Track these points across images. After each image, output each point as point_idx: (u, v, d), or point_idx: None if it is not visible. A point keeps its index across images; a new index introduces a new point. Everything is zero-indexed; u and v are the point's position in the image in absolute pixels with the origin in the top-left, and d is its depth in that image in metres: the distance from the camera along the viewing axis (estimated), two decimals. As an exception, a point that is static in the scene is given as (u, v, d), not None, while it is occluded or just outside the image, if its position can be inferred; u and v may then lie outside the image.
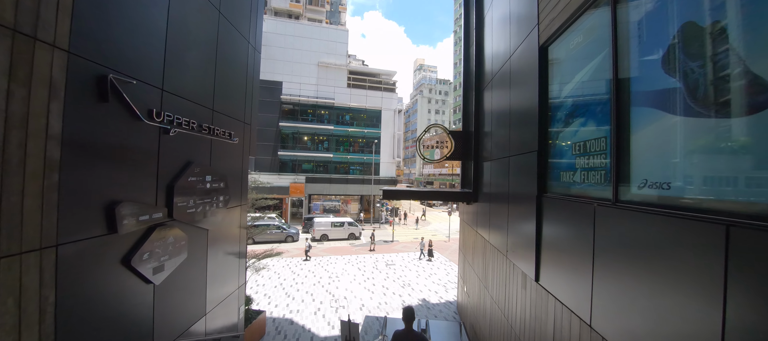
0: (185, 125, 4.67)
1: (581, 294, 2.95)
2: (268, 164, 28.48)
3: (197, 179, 5.05)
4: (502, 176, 5.70)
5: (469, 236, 8.89)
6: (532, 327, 4.11)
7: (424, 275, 14.46)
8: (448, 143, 9.49)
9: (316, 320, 9.48)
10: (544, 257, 3.85)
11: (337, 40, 30.75)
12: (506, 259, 5.35)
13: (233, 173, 6.44)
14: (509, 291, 5.12)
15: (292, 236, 21.13)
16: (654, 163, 2.29)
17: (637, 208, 2.35)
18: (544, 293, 3.79)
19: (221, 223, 5.92)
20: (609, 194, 2.71)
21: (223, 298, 6.14)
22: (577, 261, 3.06)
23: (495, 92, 6.38)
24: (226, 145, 6.01)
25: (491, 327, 6.13)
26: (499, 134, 6.01)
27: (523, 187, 4.60)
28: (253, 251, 9.30)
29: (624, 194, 2.55)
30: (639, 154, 2.43)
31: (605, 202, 2.73)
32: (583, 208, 3.00)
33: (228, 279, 6.37)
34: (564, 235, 3.37)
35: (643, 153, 2.39)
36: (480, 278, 7.29)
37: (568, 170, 3.45)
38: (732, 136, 1.76)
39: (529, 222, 4.22)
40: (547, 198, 3.85)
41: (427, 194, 8.45)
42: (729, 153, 1.78)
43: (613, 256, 2.56)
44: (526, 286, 4.38)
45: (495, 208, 6.12)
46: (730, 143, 1.77)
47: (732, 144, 1.76)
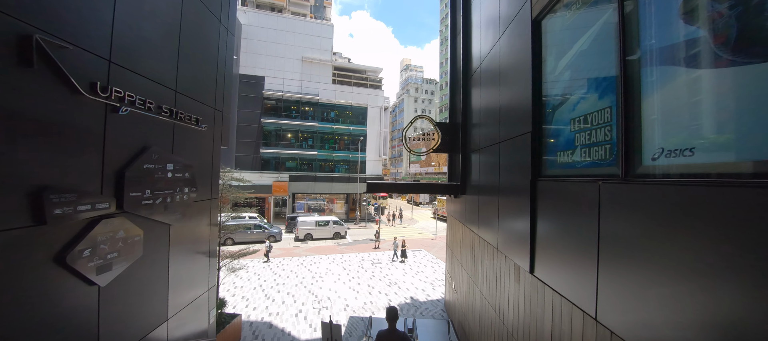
0: (140, 104, 4.12)
1: (584, 285, 2.65)
2: (250, 162, 27.47)
3: (156, 167, 4.49)
4: (491, 165, 5.41)
5: (456, 231, 8.60)
6: (527, 323, 3.81)
7: (410, 273, 14.14)
8: (436, 135, 9.19)
9: (297, 322, 8.96)
10: (539, 246, 3.55)
11: (322, 35, 30.02)
12: (497, 252, 5.05)
13: (201, 164, 5.88)
14: (501, 285, 4.82)
15: (274, 235, 20.36)
16: (672, 128, 1.98)
17: (653, 181, 2.05)
18: (541, 285, 3.49)
19: (187, 218, 5.36)
20: (616, 169, 2.41)
21: (189, 301, 5.57)
22: (578, 248, 2.76)
23: (484, 79, 6.10)
24: (192, 132, 5.46)
25: (481, 324, 5.83)
26: (488, 122, 5.72)
27: (514, 173, 4.31)
28: (228, 251, 8.68)
29: (635, 168, 2.25)
30: (652, 121, 2.13)
31: (612, 179, 2.43)
32: (585, 189, 2.70)
33: (196, 280, 5.80)
34: (562, 221, 3.07)
35: (658, 119, 2.09)
36: (469, 273, 6.99)
37: (566, 149, 3.15)
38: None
39: (523, 210, 3.92)
40: (542, 182, 3.55)
41: (412, 187, 8.11)
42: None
43: (621, 239, 2.25)
44: (520, 279, 4.08)
45: (484, 199, 5.83)
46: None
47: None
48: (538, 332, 3.49)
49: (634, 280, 2.12)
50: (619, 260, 2.28)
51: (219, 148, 6.68)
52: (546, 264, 3.38)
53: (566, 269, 2.95)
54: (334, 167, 30.62)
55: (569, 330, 2.86)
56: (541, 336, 3.45)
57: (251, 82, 27.50)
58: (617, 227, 2.31)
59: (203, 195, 5.97)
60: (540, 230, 3.55)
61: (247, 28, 27.36)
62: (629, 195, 2.21)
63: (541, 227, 3.51)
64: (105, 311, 3.66)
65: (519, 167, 4.14)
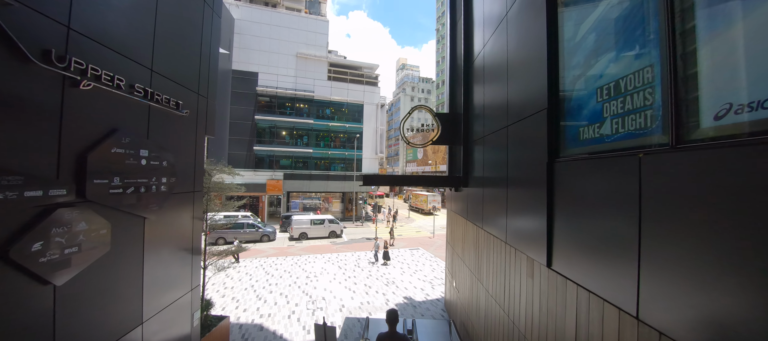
0: (107, 80, 3.65)
1: (620, 278, 2.24)
2: (244, 160, 26.83)
3: (127, 153, 4.01)
4: (498, 153, 5.01)
5: (457, 226, 8.20)
6: (543, 323, 3.40)
7: (408, 272, 13.72)
8: (435, 126, 8.79)
9: (290, 324, 8.48)
10: (559, 237, 3.15)
11: (317, 31, 29.48)
12: (505, 246, 4.65)
13: (183, 152, 5.41)
14: (510, 282, 4.42)
15: (268, 235, 19.81)
16: (749, 75, 1.58)
17: (718, 144, 1.64)
18: (561, 280, 3.08)
19: (165, 211, 4.88)
20: (663, 137, 2.01)
21: (169, 303, 5.10)
22: (611, 236, 2.35)
23: (489, 61, 5.69)
24: (171, 117, 4.99)
25: (487, 324, 5.42)
26: (493, 106, 5.32)
27: (526, 157, 3.90)
28: (215, 249, 8.17)
29: (690, 132, 1.85)
30: (716, 71, 1.73)
31: (658, 148, 2.03)
32: (619, 165, 2.30)
33: (176, 279, 5.32)
34: (589, 205, 2.66)
35: (725, 68, 1.69)
36: (472, 270, 6.59)
37: (592, 123, 2.75)
38: None
39: (538, 197, 3.52)
40: (561, 164, 3.15)
41: (410, 179, 7.69)
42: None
43: (673, 220, 1.85)
44: (534, 274, 3.67)
45: (490, 191, 5.43)
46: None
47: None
48: (559, 332, 3.09)
49: (695, 270, 1.72)
50: (670, 246, 1.87)
51: (203, 136, 6.20)
52: (567, 256, 2.98)
53: (595, 260, 2.55)
54: (330, 166, 30.10)
55: (600, 331, 2.46)
56: (561, 337, 3.04)
57: (244, 79, 26.88)
58: (666, 207, 1.90)
59: (185, 187, 5.50)
60: (559, 219, 3.15)
61: (240, 23, 26.76)
62: (683, 166, 1.81)
63: (561, 214, 3.11)
64: (63, 314, 3.19)
65: (532, 150, 3.74)
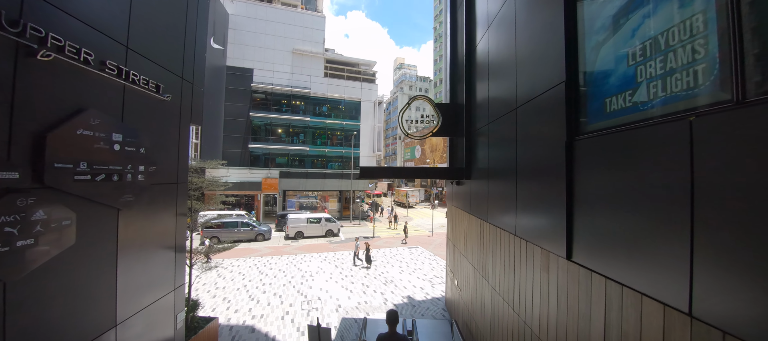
0: (72, 52, 3.24)
1: (666, 268, 1.88)
2: (238, 158, 26.34)
3: (96, 136, 3.60)
4: (505, 139, 4.65)
5: (459, 222, 7.84)
6: (562, 322, 3.04)
7: (408, 270, 13.34)
8: (435, 117, 8.43)
9: (284, 326, 8.07)
10: (581, 224, 2.78)
11: (314, 27, 29.03)
12: (515, 239, 4.29)
13: (164, 140, 5.00)
14: (521, 277, 4.05)
15: (263, 234, 19.35)
16: None
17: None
18: (584, 273, 2.72)
19: (142, 203, 4.47)
20: (723, 93, 1.64)
21: (148, 304, 4.68)
22: (651, 219, 1.99)
23: (493, 41, 5.33)
24: (150, 100, 4.58)
25: (494, 323, 5.06)
26: (500, 89, 4.96)
27: (540, 139, 3.54)
28: (203, 246, 7.73)
29: (765, 82, 1.48)
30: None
31: (718, 106, 1.66)
32: (662, 132, 1.94)
33: (157, 278, 4.91)
34: (620, 185, 2.30)
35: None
36: (476, 267, 6.22)
37: (623, 90, 2.39)
38: None
39: (554, 181, 3.16)
40: (582, 142, 2.79)
41: (409, 171, 7.32)
42: None
43: (738, 192, 1.48)
44: (551, 268, 3.31)
45: (496, 180, 5.07)
46: None
47: None
48: (582, 331, 2.72)
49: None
50: (735, 227, 1.51)
51: (188, 125, 5.79)
52: (593, 246, 2.61)
53: (629, 250, 2.19)
54: (327, 164, 29.66)
55: (637, 329, 2.09)
56: (585, 336, 2.68)
57: (239, 75, 26.38)
58: (728, 178, 1.54)
59: (167, 177, 5.09)
60: (581, 204, 2.78)
61: (234, 18, 26.27)
62: (753, 124, 1.45)
63: (584, 199, 2.75)
64: (15, 315, 2.78)
65: (546, 131, 3.38)
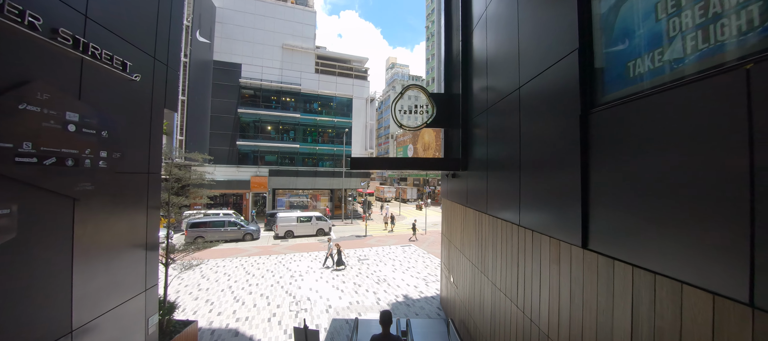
0: (12, 14, 2.77)
1: (717, 251, 1.53)
2: (226, 156, 25.54)
3: (44, 112, 3.13)
4: (506, 122, 4.31)
5: (455, 216, 7.50)
6: (577, 318, 2.69)
7: (401, 269, 12.97)
8: (430, 107, 8.08)
9: (270, 328, 7.60)
10: (599, 208, 2.44)
11: (304, 22, 28.38)
12: (518, 231, 3.95)
13: (133, 125, 4.52)
14: (526, 272, 3.71)
15: (251, 233, 18.71)
16: None
17: None
18: (605, 263, 2.37)
19: (105, 193, 3.99)
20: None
21: (112, 306, 4.20)
22: (694, 194, 1.65)
23: (492, 21, 4.97)
24: (115, 79, 4.10)
25: (495, 322, 4.71)
26: (499, 70, 4.61)
27: (547, 118, 3.20)
28: (177, 244, 7.18)
29: None
30: None
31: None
32: (708, 89, 1.60)
33: (123, 278, 4.41)
34: (649, 159, 1.96)
35: None
36: (474, 263, 5.88)
37: (651, 48, 2.06)
38: None
39: (566, 162, 2.82)
40: (599, 114, 2.45)
41: (402, 162, 6.95)
42: None
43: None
44: (562, 260, 2.96)
45: (496, 168, 4.73)
46: None
47: None
48: (603, 328, 2.37)
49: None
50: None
51: (161, 109, 5.29)
52: (615, 231, 2.27)
53: (663, 233, 1.84)
54: (318, 162, 29.05)
55: (676, 323, 1.74)
56: (606, 333, 2.33)
57: (227, 70, 25.57)
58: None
59: (136, 166, 4.60)
60: (599, 185, 2.44)
61: (222, 11, 25.45)
62: None
63: (602, 178, 2.41)
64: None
65: (556, 107, 3.04)
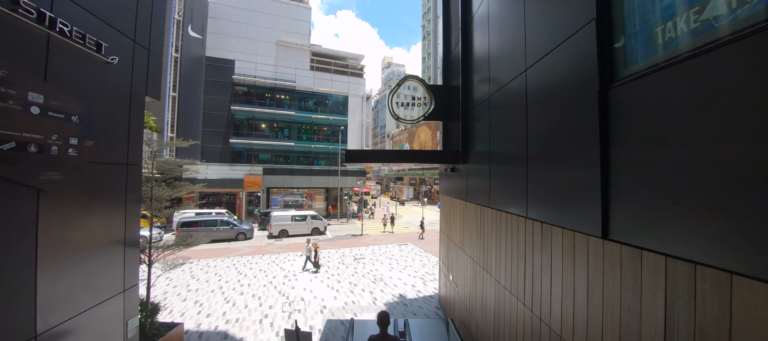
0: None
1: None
2: (219, 154, 25.03)
3: (2, 92, 2.79)
4: (511, 108, 4.05)
5: (455, 212, 7.24)
6: (596, 318, 2.42)
7: (398, 268, 12.69)
8: (427, 100, 7.81)
9: (261, 330, 7.26)
10: (621, 192, 2.17)
11: (299, 18, 27.96)
12: (525, 223, 3.68)
13: (109, 111, 4.18)
14: (535, 267, 3.44)
15: (244, 233, 18.30)
16: None
17: None
18: (630, 254, 2.10)
19: (76, 185, 3.64)
20: None
21: (85, 309, 3.85)
22: (752, 168, 1.38)
23: (493, 3, 4.71)
24: (89, 60, 3.77)
25: (499, 323, 4.44)
26: (503, 54, 4.35)
27: (559, 98, 2.93)
28: (164, 242, 6.81)
29: None
30: None
31: None
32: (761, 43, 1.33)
33: (97, 277, 4.07)
34: (689, 132, 1.69)
35: None
36: (475, 260, 5.62)
37: (688, 7, 1.80)
38: None
39: (582, 144, 2.55)
40: (623, 88, 2.18)
41: (398, 154, 6.66)
42: None
43: None
44: (577, 252, 2.69)
45: (500, 158, 4.47)
46: None
47: None
48: (629, 328, 2.11)
49: None
50: None
51: (143, 97, 4.94)
52: (643, 216, 2.00)
53: (706, 216, 1.58)
54: (313, 160, 28.65)
55: (724, 320, 1.48)
56: (633, 332, 2.07)
57: (220, 66, 25.06)
58: None
59: (113, 157, 4.26)
60: (622, 166, 2.18)
61: (214, 6, 24.95)
62: None
63: (625, 159, 2.14)
64: None
65: (569, 85, 2.78)
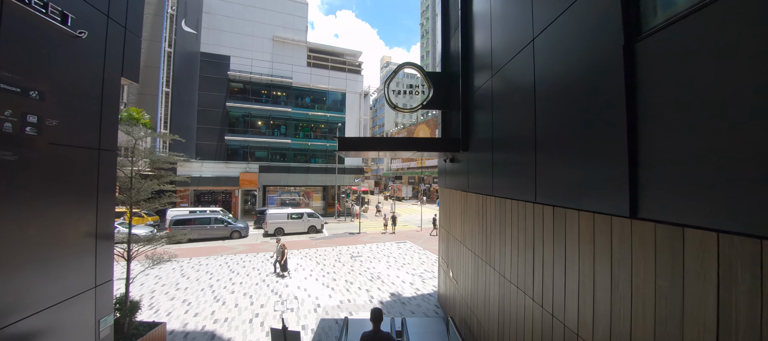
0: None
1: None
2: (214, 151, 24.61)
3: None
4: (517, 84, 3.70)
5: (455, 204, 6.89)
6: (622, 312, 2.06)
7: (395, 265, 12.33)
8: (426, 87, 7.47)
9: (251, 330, 6.88)
10: (653, 161, 1.82)
11: (296, 14, 27.59)
12: (534, 209, 3.33)
13: (77, 90, 3.82)
14: (545, 258, 3.08)
15: (239, 231, 17.89)
16: None
17: None
18: (667, 233, 1.74)
19: (35, 167, 3.28)
20: None
21: (45, 306, 3.48)
22: None
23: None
24: (50, 31, 3.42)
25: (506, 321, 4.08)
26: (507, 24, 3.99)
27: (574, 62, 2.58)
28: (145, 237, 6.40)
29: None
30: None
31: None
32: None
33: (62, 272, 3.70)
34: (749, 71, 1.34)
35: None
36: (477, 254, 5.27)
37: None
38: None
39: (604, 112, 2.20)
40: (653, 40, 1.84)
41: (393, 142, 6.32)
42: None
43: None
44: (598, 237, 2.34)
45: (505, 140, 4.12)
46: None
47: None
48: (667, 322, 1.75)
49: None
50: None
51: (118, 79, 4.57)
52: (686, 189, 1.64)
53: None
54: (310, 158, 28.27)
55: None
56: (674, 330, 1.72)
57: (215, 62, 24.65)
58: None
59: (82, 140, 3.89)
60: (653, 132, 1.83)
61: (209, 1, 24.55)
62: None
63: (660, 120, 1.79)
64: None
65: (586, 46, 2.43)
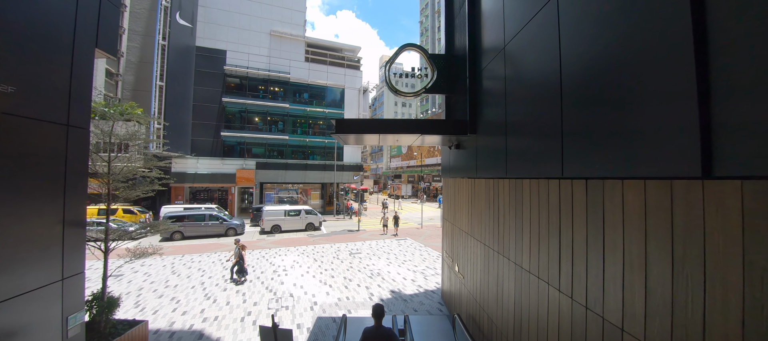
0: None
1: None
2: (210, 147, 24.08)
3: None
4: (535, 49, 3.26)
5: (461, 194, 6.45)
6: (690, 303, 1.62)
7: (396, 262, 11.88)
8: (429, 71, 7.04)
9: (242, 329, 6.42)
10: (737, 96, 1.38)
11: (293, 8, 27.08)
12: (559, 185, 2.88)
13: (38, 55, 3.38)
14: (576, 242, 2.63)
15: (235, 228, 17.41)
16: None
17: None
18: (760, 190, 1.31)
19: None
20: None
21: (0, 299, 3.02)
22: None
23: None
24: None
25: (524, 317, 3.63)
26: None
27: (614, 10, 2.14)
28: (125, 231, 5.93)
29: None
30: None
31: None
32: None
33: (17, 261, 3.24)
34: None
35: None
36: (488, 245, 4.82)
37: None
38: None
39: (662, 37, 1.76)
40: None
41: (396, 125, 5.86)
42: None
43: None
44: (655, 210, 1.88)
45: (520, 113, 3.67)
46: None
47: None
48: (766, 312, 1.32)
49: None
50: None
51: (91, 50, 4.12)
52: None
53: None
54: (308, 155, 27.77)
55: None
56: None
57: (210, 57, 24.12)
58: None
59: (46, 112, 3.44)
60: (733, 65, 1.40)
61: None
62: None
63: (745, 45, 1.36)
64: None
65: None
